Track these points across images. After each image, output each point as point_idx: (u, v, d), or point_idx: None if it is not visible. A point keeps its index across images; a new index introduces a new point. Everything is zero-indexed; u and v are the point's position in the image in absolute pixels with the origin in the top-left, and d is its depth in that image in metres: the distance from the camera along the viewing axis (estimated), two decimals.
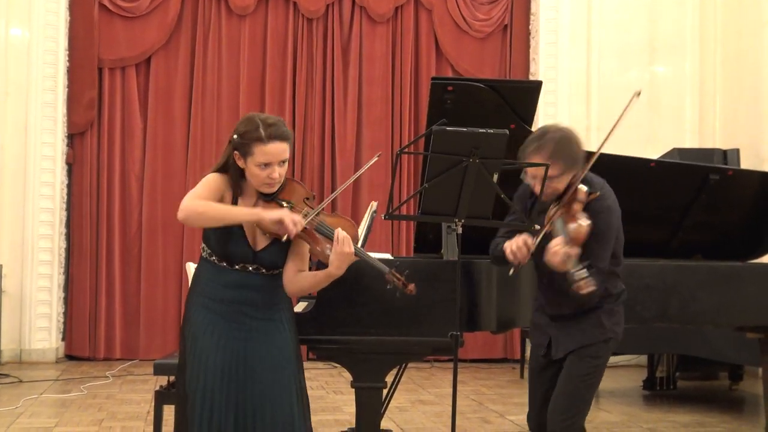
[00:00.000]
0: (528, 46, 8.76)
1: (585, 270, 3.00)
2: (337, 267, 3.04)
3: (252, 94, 8.37)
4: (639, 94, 3.25)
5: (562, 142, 3.23)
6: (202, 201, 3.00)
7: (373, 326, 3.52)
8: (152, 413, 4.39)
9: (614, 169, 4.37)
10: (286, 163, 3.07)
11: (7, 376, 7.04)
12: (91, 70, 8.06)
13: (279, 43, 8.43)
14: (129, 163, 8.20)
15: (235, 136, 3.04)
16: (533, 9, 8.71)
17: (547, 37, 8.59)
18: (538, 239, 3.17)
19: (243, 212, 3.02)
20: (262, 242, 3.10)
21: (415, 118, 8.58)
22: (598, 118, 8.51)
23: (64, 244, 8.06)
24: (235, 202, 3.10)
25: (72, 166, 8.13)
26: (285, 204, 3.07)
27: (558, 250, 3.03)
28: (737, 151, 7.59)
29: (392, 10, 8.53)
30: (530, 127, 4.37)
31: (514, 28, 8.72)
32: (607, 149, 3.58)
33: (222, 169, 3.11)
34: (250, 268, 3.10)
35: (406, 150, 5.00)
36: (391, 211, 3.06)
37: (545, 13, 8.59)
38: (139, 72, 8.26)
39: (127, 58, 8.16)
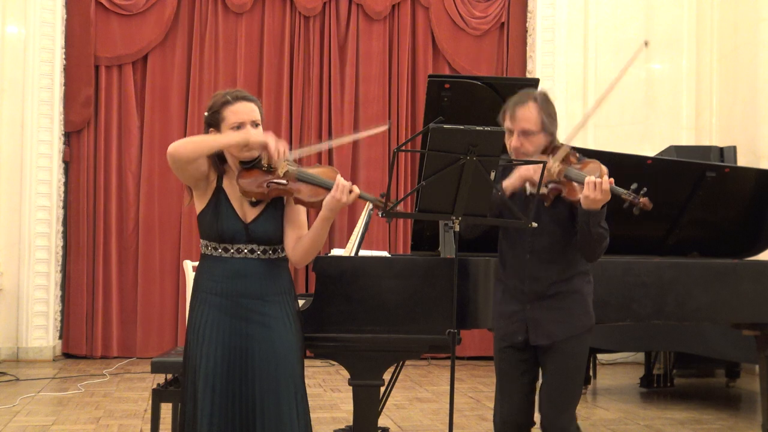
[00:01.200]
0: (525, 44, 8.76)
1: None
2: (330, 209, 3.03)
3: (249, 92, 8.33)
4: (647, 43, 3.30)
5: (545, 98, 3.34)
6: (187, 138, 3.09)
7: (370, 324, 3.53)
8: (149, 411, 4.39)
9: (611, 166, 4.37)
10: (260, 127, 3.14)
11: (4, 374, 7.04)
12: (87, 68, 8.06)
13: (276, 41, 8.43)
14: (126, 161, 8.20)
15: (205, 114, 3.18)
16: (530, 6, 8.71)
17: (544, 35, 8.60)
18: (542, 182, 3.16)
19: (230, 136, 3.06)
20: (251, 213, 3.12)
21: (412, 116, 8.58)
22: (595, 114, 8.50)
23: (61, 242, 8.06)
24: (219, 182, 3.15)
25: (69, 164, 8.13)
26: (265, 167, 3.11)
27: (601, 181, 3.04)
28: (734, 148, 7.59)
29: (389, 8, 8.53)
30: None
31: (511, 25, 8.73)
32: (604, 146, 3.58)
33: None
34: (246, 250, 3.10)
35: (403, 148, 4.99)
36: (388, 208, 3.06)
37: (542, 10, 8.59)
38: (135, 70, 8.26)
39: (123, 55, 8.16)
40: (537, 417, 3.39)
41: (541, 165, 3.14)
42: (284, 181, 3.07)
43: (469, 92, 4.28)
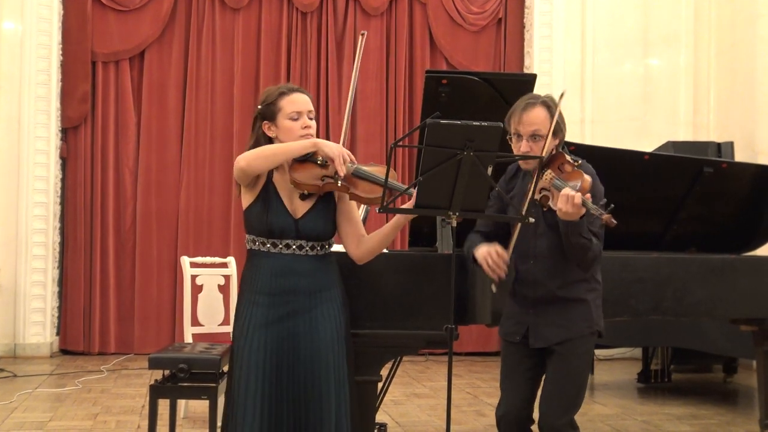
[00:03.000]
0: (522, 40, 8.75)
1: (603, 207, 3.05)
2: (406, 215, 3.13)
3: (246, 88, 8.36)
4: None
5: (553, 101, 3.33)
6: (255, 149, 3.04)
7: (368, 320, 3.52)
8: (147, 407, 4.38)
9: (608, 162, 4.37)
10: (314, 121, 3.13)
11: (1, 370, 7.04)
12: (84, 64, 8.05)
13: (273, 37, 8.42)
14: (123, 157, 8.20)
15: (258, 107, 3.13)
16: (527, 2, 8.71)
17: (542, 31, 8.59)
18: (525, 205, 3.16)
19: (300, 144, 3.01)
20: (301, 208, 3.10)
21: (409, 112, 8.58)
22: (592, 110, 8.52)
23: (58, 239, 8.05)
24: (270, 175, 3.11)
25: (66, 160, 8.12)
26: (319, 161, 3.08)
27: (575, 194, 3.04)
28: (731, 144, 7.59)
29: (386, 4, 8.52)
30: None
31: (509, 21, 8.72)
32: (601, 142, 3.58)
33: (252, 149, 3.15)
34: (294, 246, 3.08)
35: (400, 143, 4.98)
36: (385, 204, 3.06)
37: (539, 6, 8.58)
38: (132, 66, 8.25)
39: (120, 51, 8.15)
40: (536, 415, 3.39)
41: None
42: (340, 176, 3.04)
43: (467, 88, 4.28)
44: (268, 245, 3.09)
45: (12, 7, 7.86)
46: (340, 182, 3.04)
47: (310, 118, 3.12)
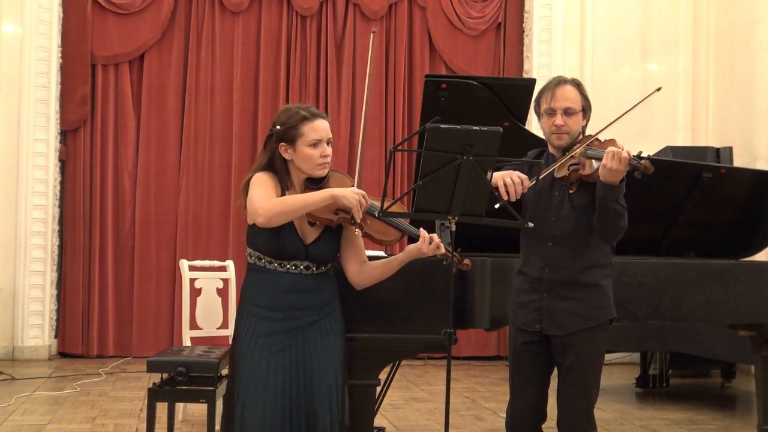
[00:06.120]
0: (522, 44, 8.76)
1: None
2: (412, 257, 3.17)
3: (245, 92, 8.36)
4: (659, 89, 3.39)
5: (581, 84, 3.44)
6: (276, 199, 3.01)
7: (366, 323, 3.52)
8: (145, 410, 4.39)
9: None
10: (331, 145, 3.14)
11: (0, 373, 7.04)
12: (84, 67, 8.05)
13: (273, 41, 8.43)
14: (122, 160, 8.19)
15: (278, 127, 3.10)
16: (527, 7, 8.71)
17: (541, 35, 8.60)
18: (535, 181, 3.20)
19: (318, 196, 3.00)
20: (311, 234, 3.11)
21: (408, 116, 8.58)
22: (591, 115, 8.49)
23: (56, 242, 8.05)
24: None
25: (65, 163, 8.12)
26: None
27: (620, 150, 3.07)
28: (730, 149, 7.60)
29: (386, 8, 8.53)
30: (524, 124, 4.38)
31: (508, 25, 8.73)
32: None
33: (265, 167, 3.13)
34: (301, 267, 3.09)
35: (400, 147, 4.99)
36: (384, 208, 3.07)
37: (539, 11, 8.59)
38: (132, 69, 8.25)
39: (120, 54, 8.15)
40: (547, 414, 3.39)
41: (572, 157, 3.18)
42: (357, 222, 3.04)
43: (466, 92, 4.28)
44: (275, 264, 3.09)
45: (12, 10, 7.86)
46: (355, 222, 3.04)
47: (329, 143, 3.12)
